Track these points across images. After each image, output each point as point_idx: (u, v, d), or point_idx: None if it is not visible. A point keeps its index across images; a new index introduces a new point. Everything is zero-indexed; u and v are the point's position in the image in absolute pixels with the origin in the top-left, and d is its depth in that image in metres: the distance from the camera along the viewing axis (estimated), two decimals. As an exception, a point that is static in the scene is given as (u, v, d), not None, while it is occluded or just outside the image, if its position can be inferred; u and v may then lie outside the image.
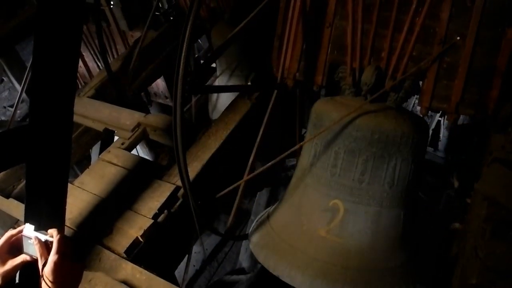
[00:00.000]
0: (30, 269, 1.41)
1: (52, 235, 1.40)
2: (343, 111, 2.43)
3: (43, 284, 1.33)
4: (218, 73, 3.99)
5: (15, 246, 1.44)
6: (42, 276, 1.34)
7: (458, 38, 2.21)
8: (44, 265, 1.35)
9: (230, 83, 3.77)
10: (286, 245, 2.66)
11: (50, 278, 1.32)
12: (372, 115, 2.43)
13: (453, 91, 2.33)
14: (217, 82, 4.03)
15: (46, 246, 1.40)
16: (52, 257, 1.34)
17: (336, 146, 2.55)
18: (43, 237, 1.41)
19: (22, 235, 1.44)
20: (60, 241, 1.38)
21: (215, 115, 4.05)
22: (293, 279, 2.57)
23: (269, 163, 2.44)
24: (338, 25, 2.52)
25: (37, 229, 1.44)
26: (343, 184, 2.58)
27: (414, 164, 2.61)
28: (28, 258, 1.42)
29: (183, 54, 1.85)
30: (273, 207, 2.93)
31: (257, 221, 2.92)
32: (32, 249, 1.42)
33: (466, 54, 2.21)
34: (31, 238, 1.42)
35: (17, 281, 1.45)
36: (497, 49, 2.14)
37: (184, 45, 1.84)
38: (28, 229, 1.43)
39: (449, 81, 2.33)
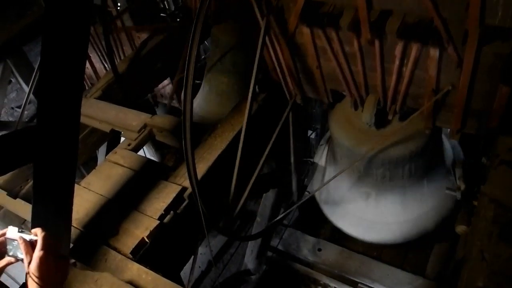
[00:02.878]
0: None
1: (37, 233, 1.41)
2: (354, 141, 2.81)
3: (29, 280, 1.34)
4: (207, 66, 3.78)
5: None
6: (28, 273, 1.35)
7: (451, 87, 2.14)
8: (30, 263, 1.36)
9: (219, 78, 3.69)
10: (340, 208, 3.41)
11: (36, 274, 1.33)
12: (381, 147, 2.72)
13: (452, 121, 2.34)
14: (205, 76, 3.86)
15: (31, 245, 1.41)
16: (37, 253, 1.36)
17: (354, 162, 2.89)
18: (27, 237, 1.42)
19: (5, 238, 1.45)
20: (44, 238, 1.39)
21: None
22: (349, 233, 3.45)
23: (292, 208, 2.45)
24: (325, 66, 2.47)
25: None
26: (368, 181, 3.11)
27: (429, 155, 2.88)
28: (12, 260, 1.43)
29: (192, 55, 1.86)
30: (328, 168, 3.50)
31: (313, 174, 3.71)
32: (17, 251, 1.43)
33: (461, 100, 2.14)
34: (15, 240, 1.43)
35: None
36: (492, 97, 2.06)
37: (193, 47, 1.85)
38: (12, 231, 1.44)
39: (447, 112, 2.33)
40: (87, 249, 2.23)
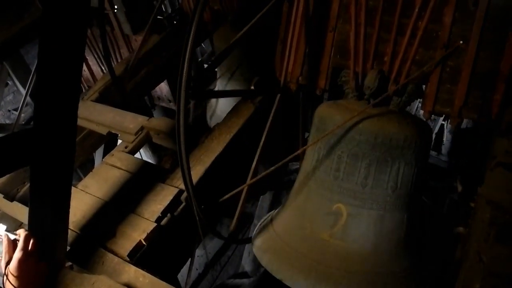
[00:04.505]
0: None
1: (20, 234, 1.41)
2: (346, 115, 2.43)
3: (6, 281, 1.34)
4: (218, 75, 3.95)
5: None
6: (6, 272, 1.35)
7: (462, 42, 2.20)
8: (8, 263, 1.36)
9: (229, 87, 3.74)
10: (289, 249, 2.66)
11: (15, 274, 1.33)
12: (375, 119, 2.43)
13: (456, 95, 2.32)
14: (216, 86, 4.00)
15: (13, 245, 1.41)
16: (17, 254, 1.36)
17: (339, 150, 2.55)
18: (12, 236, 1.43)
19: None
20: (25, 239, 1.39)
21: (213, 121, 4.00)
22: (296, 283, 2.57)
23: (272, 168, 2.43)
24: (341, 29, 2.52)
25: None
26: (346, 188, 2.58)
27: (417, 168, 2.61)
28: None
29: (186, 57, 1.86)
30: (276, 210, 2.95)
31: (260, 224, 2.93)
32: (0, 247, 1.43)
33: (469, 58, 2.19)
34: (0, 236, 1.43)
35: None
36: (501, 53, 2.12)
37: (188, 49, 1.85)
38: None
39: (452, 85, 2.32)
40: (84, 251, 2.22)
